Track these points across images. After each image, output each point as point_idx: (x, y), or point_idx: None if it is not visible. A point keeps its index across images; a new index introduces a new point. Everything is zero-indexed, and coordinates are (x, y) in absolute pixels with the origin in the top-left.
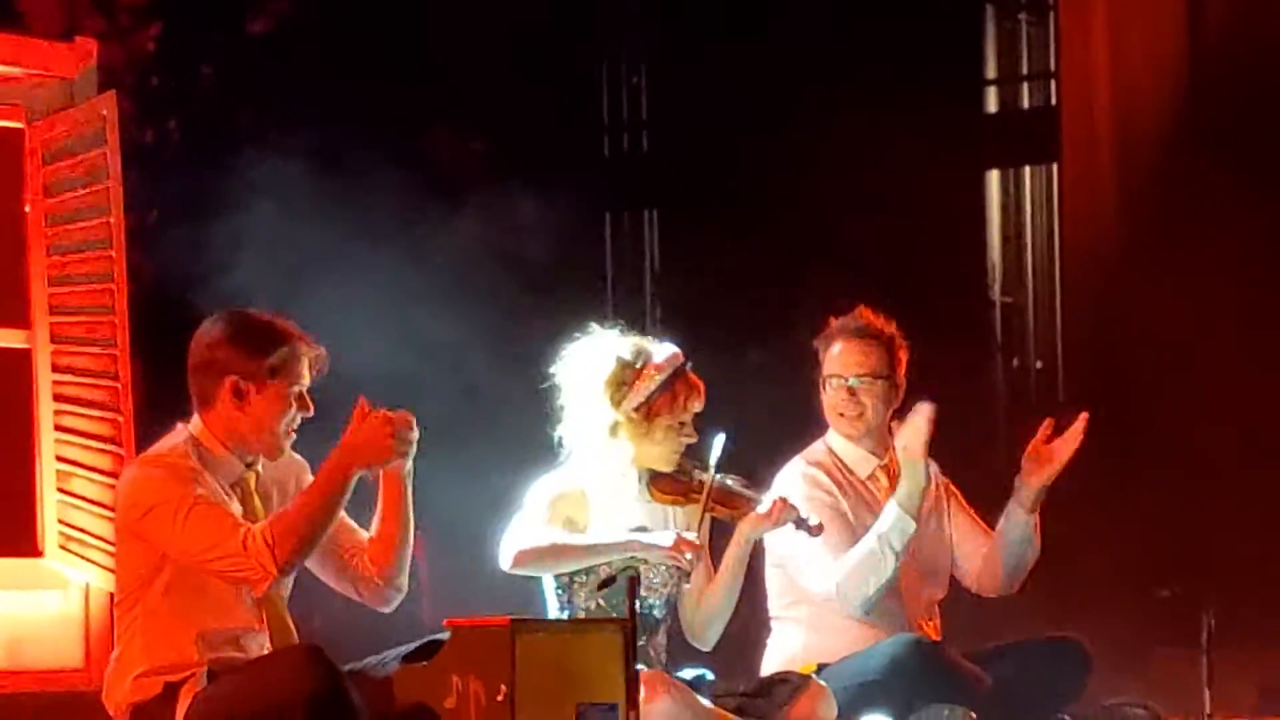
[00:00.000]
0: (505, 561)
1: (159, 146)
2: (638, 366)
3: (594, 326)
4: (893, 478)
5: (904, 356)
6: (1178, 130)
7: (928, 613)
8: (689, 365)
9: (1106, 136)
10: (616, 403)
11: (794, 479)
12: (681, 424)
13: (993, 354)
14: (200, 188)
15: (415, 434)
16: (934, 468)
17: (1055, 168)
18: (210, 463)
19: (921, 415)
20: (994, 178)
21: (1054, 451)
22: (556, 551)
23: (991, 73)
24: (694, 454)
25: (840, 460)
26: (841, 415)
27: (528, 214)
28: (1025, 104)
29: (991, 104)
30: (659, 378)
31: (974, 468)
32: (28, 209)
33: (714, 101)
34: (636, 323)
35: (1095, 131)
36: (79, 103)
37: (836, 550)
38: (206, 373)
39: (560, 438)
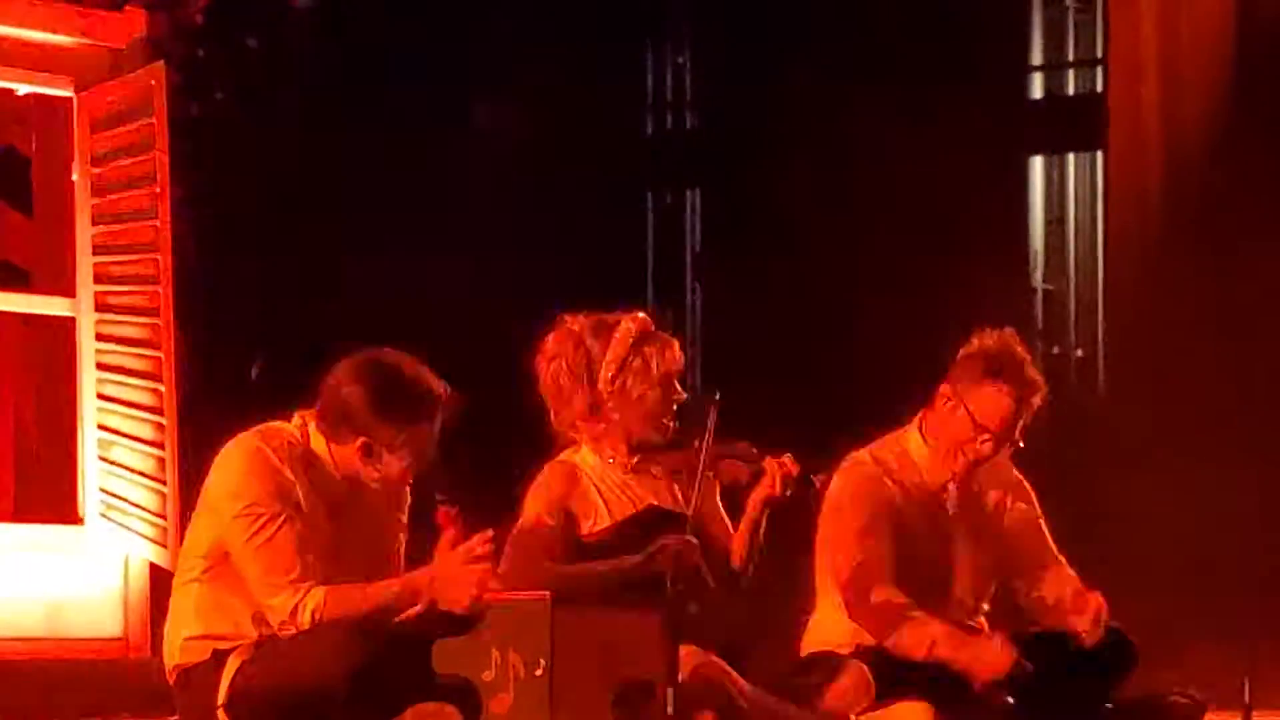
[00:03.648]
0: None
1: (205, 117)
2: (601, 341)
3: (562, 316)
4: (963, 489)
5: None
6: (1224, 119)
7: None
8: (654, 327)
9: (1153, 124)
10: (591, 382)
11: (854, 475)
12: (662, 387)
13: (1033, 341)
14: (246, 159)
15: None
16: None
17: (1100, 155)
18: (317, 473)
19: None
20: (1038, 164)
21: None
22: (567, 587)
23: (1037, 59)
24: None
25: (913, 463)
26: (961, 455)
27: (569, 192)
28: (1071, 91)
29: (1037, 90)
30: (623, 347)
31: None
32: (75, 178)
33: (758, 81)
34: (677, 302)
35: (1141, 119)
36: (127, 73)
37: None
38: (339, 420)
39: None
